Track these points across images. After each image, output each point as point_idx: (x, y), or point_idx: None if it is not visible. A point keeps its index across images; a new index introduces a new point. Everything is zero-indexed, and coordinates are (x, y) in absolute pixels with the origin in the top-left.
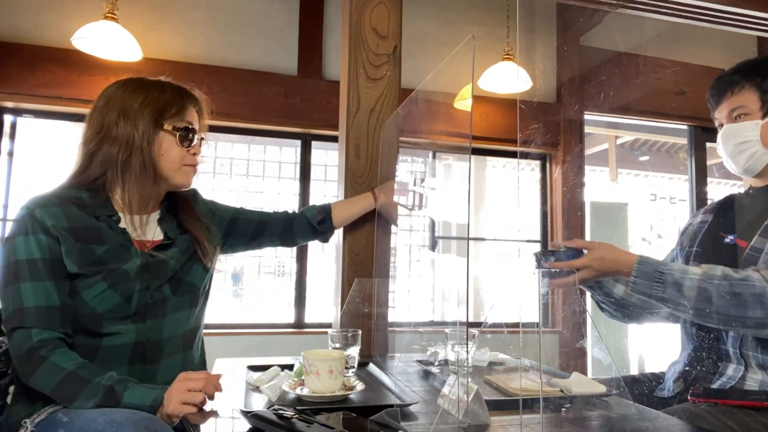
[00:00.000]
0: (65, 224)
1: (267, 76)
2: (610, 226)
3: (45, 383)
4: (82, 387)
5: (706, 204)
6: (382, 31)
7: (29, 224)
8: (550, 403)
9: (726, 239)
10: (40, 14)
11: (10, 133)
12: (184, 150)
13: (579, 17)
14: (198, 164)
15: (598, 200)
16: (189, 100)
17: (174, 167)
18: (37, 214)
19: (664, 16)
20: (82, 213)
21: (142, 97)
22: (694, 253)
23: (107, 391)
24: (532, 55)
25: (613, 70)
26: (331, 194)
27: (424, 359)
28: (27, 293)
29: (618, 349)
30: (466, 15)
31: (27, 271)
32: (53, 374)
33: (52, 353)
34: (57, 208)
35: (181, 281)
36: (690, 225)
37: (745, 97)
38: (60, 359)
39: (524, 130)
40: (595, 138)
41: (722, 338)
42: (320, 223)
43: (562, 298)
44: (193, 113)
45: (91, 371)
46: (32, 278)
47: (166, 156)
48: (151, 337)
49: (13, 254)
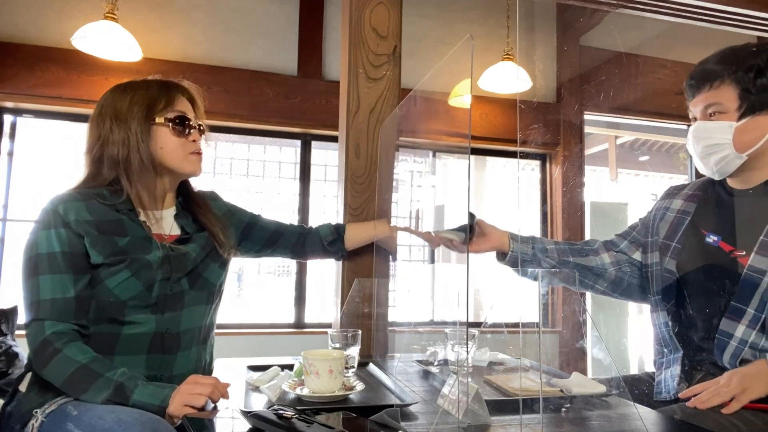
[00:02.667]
0: (88, 217)
1: (267, 76)
2: (609, 226)
3: (57, 375)
4: (93, 381)
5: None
6: (382, 31)
7: (51, 219)
8: (550, 403)
9: (707, 238)
10: (40, 14)
11: (10, 133)
12: (183, 139)
13: (579, 17)
14: (201, 150)
15: (598, 200)
16: (177, 90)
17: (178, 157)
18: (60, 209)
19: (664, 16)
20: (104, 207)
21: (129, 98)
22: (673, 249)
23: (117, 387)
24: (532, 55)
25: (613, 70)
26: (331, 194)
27: (424, 359)
28: (44, 285)
29: (618, 349)
30: (466, 15)
31: (47, 264)
32: (66, 366)
33: (66, 346)
34: (80, 202)
35: (199, 276)
36: (667, 211)
37: (723, 94)
38: (73, 352)
39: (524, 130)
40: (595, 138)
41: (712, 316)
42: (331, 244)
43: (562, 298)
44: (183, 103)
45: (103, 366)
46: (51, 271)
47: (165, 148)
48: (170, 328)
49: (35, 248)
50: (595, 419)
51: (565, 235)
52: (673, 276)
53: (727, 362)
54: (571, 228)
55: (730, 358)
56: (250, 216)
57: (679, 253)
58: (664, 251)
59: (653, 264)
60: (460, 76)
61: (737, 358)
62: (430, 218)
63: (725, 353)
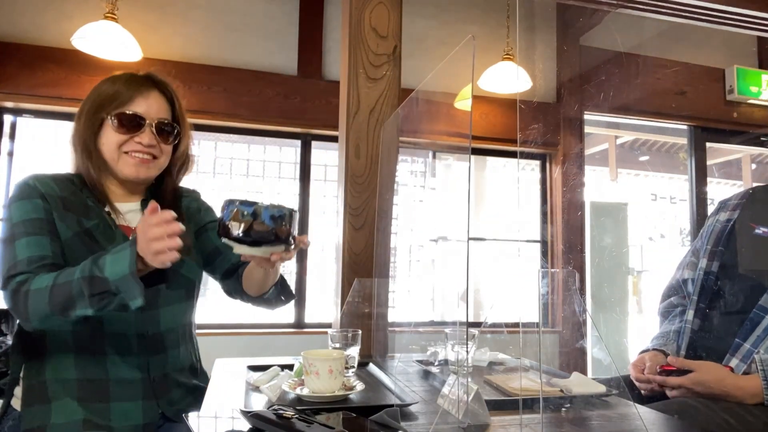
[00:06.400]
0: (58, 193)
1: (267, 76)
2: (609, 226)
3: (40, 311)
4: (69, 292)
5: (705, 204)
6: (382, 31)
7: (25, 191)
8: (550, 403)
9: (756, 230)
10: (40, 14)
11: (10, 133)
12: (123, 137)
13: (579, 17)
14: (149, 152)
15: (598, 200)
16: (142, 87)
17: (112, 156)
18: (31, 182)
19: (664, 16)
20: (74, 188)
21: (92, 94)
22: (719, 253)
23: (91, 282)
24: (532, 55)
25: (613, 70)
26: (331, 194)
27: (424, 359)
28: (20, 248)
29: (618, 349)
30: (466, 15)
31: (23, 229)
32: (40, 299)
33: (31, 283)
34: (50, 180)
35: (175, 273)
36: (714, 224)
37: None
38: (38, 283)
39: (524, 130)
40: (595, 138)
41: (728, 333)
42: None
43: (562, 298)
44: (147, 102)
45: (67, 274)
46: (26, 234)
47: (105, 144)
48: (151, 328)
49: (10, 219)
50: (595, 419)
51: (565, 235)
52: (712, 275)
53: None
54: (571, 228)
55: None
56: (207, 222)
57: (722, 255)
58: (712, 257)
59: (701, 269)
60: (462, 77)
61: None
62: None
63: (754, 331)
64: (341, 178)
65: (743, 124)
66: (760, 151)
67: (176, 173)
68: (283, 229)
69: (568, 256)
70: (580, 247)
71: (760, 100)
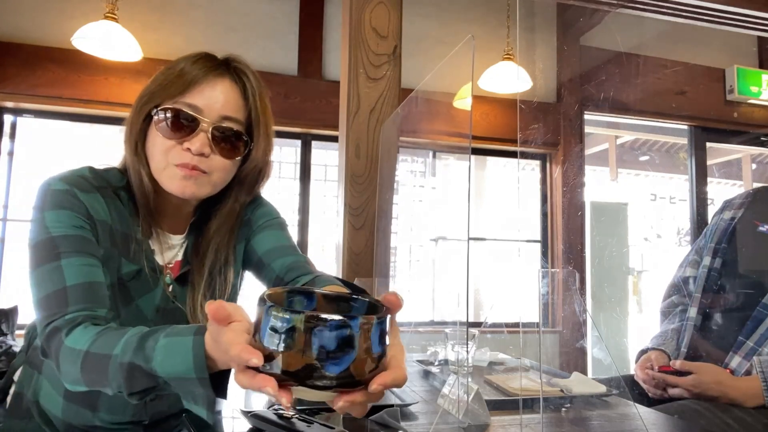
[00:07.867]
0: (105, 218)
1: (267, 76)
2: (609, 226)
3: (72, 375)
4: (104, 368)
5: (705, 204)
6: (382, 31)
7: (65, 201)
8: (550, 403)
9: (760, 228)
10: (41, 14)
11: (10, 133)
12: (169, 141)
13: (579, 17)
14: (196, 165)
15: (598, 200)
16: (210, 74)
17: (158, 165)
18: (80, 195)
19: (664, 16)
20: (121, 207)
21: (152, 78)
22: (722, 250)
23: (130, 371)
24: (532, 55)
25: (613, 70)
26: (331, 194)
27: (424, 359)
28: (70, 270)
29: (618, 349)
30: (466, 15)
31: (69, 246)
32: (72, 360)
33: (67, 336)
34: (95, 190)
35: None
36: (718, 222)
37: None
38: (73, 340)
39: (524, 130)
40: (595, 138)
41: (730, 331)
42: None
43: (562, 298)
44: (212, 92)
45: (107, 341)
46: (77, 253)
47: (151, 147)
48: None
49: (46, 230)
50: (595, 419)
51: (565, 235)
52: (715, 272)
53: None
54: (571, 228)
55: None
56: (261, 223)
57: (726, 252)
58: (715, 254)
59: (704, 266)
60: (462, 77)
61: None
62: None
63: (758, 329)
64: (341, 178)
65: (743, 124)
66: (761, 151)
67: (245, 191)
68: (361, 362)
69: (568, 256)
70: (580, 247)
71: (760, 100)
